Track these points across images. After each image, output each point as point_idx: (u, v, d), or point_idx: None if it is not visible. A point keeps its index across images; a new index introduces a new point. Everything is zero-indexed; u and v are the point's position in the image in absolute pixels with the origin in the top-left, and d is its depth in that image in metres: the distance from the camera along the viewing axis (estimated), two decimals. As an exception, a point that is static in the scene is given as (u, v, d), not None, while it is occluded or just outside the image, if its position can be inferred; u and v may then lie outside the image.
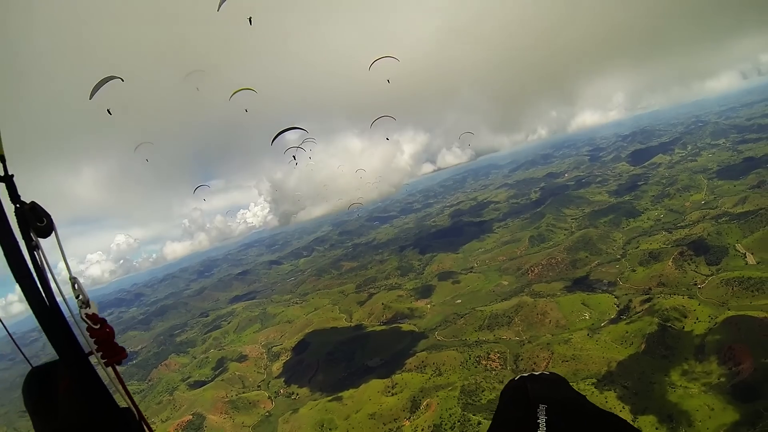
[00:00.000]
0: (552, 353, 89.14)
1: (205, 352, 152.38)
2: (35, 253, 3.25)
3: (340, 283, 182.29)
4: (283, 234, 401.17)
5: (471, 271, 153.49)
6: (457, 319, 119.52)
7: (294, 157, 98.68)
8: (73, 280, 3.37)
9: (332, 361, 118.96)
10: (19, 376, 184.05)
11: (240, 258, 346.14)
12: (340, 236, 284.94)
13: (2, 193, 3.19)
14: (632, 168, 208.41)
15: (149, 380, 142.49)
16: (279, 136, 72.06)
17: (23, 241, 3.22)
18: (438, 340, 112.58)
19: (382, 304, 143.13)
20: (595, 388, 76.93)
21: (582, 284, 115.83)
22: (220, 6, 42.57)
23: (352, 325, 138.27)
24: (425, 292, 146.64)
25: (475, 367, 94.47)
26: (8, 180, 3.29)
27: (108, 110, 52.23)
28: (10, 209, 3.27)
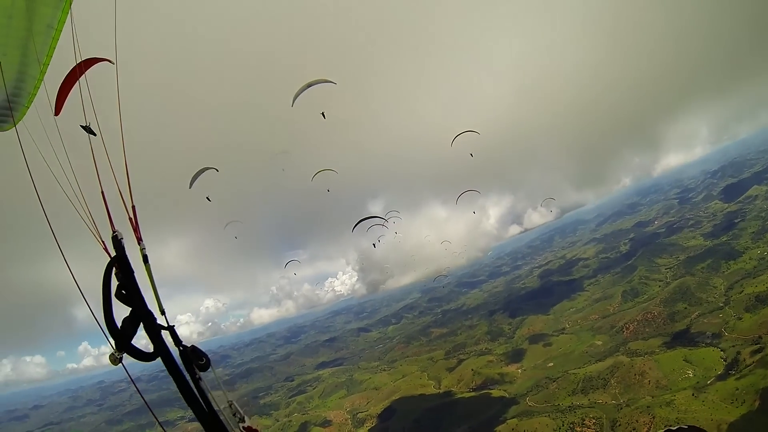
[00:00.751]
0: (653, 417, 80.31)
1: (288, 415, 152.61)
2: (199, 383, 4.72)
3: (429, 349, 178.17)
4: (371, 302, 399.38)
5: (563, 333, 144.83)
6: (549, 384, 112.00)
7: (374, 244, 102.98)
8: (230, 402, 4.86)
9: (419, 428, 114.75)
10: (104, 421, 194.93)
11: (327, 325, 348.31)
12: (428, 303, 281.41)
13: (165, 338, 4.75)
14: (726, 205, 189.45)
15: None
16: (360, 223, 74.89)
17: (189, 374, 4.71)
18: (529, 406, 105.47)
19: (472, 369, 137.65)
20: (705, 454, 67.92)
21: (683, 339, 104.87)
22: (293, 102, 43.84)
23: (441, 391, 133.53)
24: (516, 356, 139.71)
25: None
26: (171, 329, 4.88)
27: (207, 197, 56.83)
28: (175, 352, 4.73)
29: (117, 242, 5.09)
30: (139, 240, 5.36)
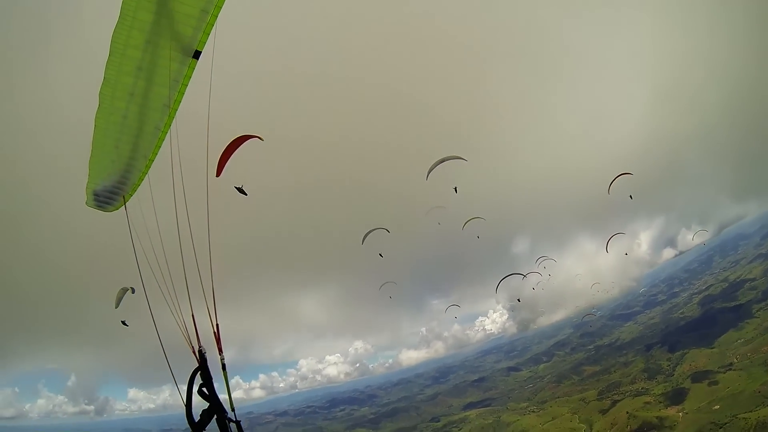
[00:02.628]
0: (840, 474, 68.34)
1: None
2: None
3: (581, 389, 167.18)
4: (522, 339, 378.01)
5: (730, 368, 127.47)
6: (715, 430, 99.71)
7: (518, 300, 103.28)
8: None
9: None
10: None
11: (477, 365, 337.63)
12: (581, 339, 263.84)
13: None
14: None
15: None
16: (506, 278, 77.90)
17: None
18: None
19: (627, 412, 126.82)
20: None
21: None
22: (427, 176, 44.88)
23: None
24: (676, 397, 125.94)
25: (737, 491, 77.09)
26: (238, 423, 6.71)
27: (380, 254, 61.41)
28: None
29: (201, 355, 6.60)
30: (220, 351, 6.79)
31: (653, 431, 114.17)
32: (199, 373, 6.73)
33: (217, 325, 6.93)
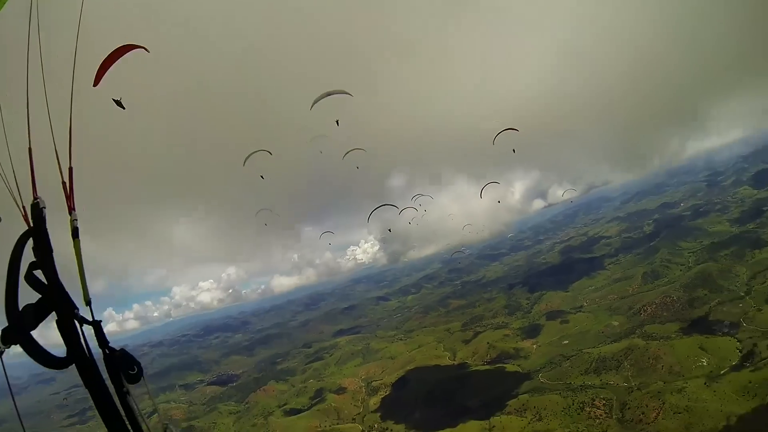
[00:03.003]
0: (663, 403, 78.69)
1: (304, 381, 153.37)
2: (126, 399, 3.56)
3: (447, 320, 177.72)
4: (392, 271, 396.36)
5: (580, 311, 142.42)
6: (562, 361, 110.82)
7: (389, 230, 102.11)
8: (165, 426, 3.77)
9: (431, 399, 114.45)
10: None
11: (348, 293, 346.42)
12: (449, 274, 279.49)
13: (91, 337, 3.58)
14: (756, 192, 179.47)
15: (246, 403, 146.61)
16: (375, 210, 74.74)
17: (113, 386, 3.54)
18: (541, 382, 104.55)
19: (487, 343, 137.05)
20: (712, 445, 66.59)
21: (700, 326, 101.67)
22: (312, 107, 43.26)
23: (455, 363, 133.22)
24: (532, 331, 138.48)
25: (578, 414, 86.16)
26: (97, 325, 3.79)
27: (261, 176, 57.67)
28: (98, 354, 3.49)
29: (36, 211, 3.91)
30: (71, 209, 4.27)
31: (510, 360, 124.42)
32: (31, 240, 3.77)
33: (70, 168, 4.28)
